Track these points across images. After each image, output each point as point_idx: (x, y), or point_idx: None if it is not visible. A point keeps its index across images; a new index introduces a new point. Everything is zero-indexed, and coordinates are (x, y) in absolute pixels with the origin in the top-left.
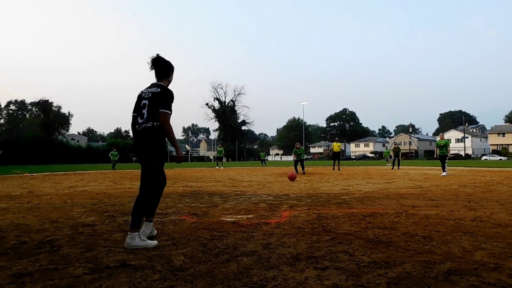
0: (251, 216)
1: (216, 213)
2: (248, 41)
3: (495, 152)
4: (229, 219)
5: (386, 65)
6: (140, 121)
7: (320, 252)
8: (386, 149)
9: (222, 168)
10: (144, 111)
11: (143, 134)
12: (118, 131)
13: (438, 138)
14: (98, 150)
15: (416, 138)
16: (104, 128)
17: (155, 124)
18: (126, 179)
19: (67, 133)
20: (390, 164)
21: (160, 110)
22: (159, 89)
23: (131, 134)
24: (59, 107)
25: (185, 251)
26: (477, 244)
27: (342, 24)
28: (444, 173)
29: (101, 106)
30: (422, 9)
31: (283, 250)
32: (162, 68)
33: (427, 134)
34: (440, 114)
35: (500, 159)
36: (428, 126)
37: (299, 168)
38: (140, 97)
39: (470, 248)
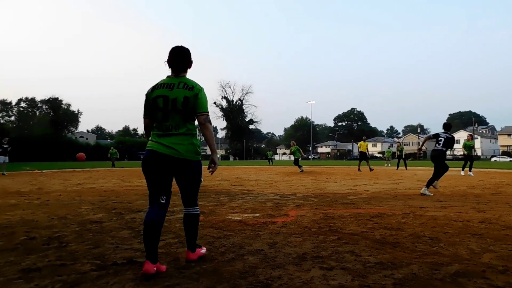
0: (257, 215)
1: (222, 211)
2: (256, 40)
3: (505, 153)
4: (235, 218)
5: (395, 65)
6: None
7: (326, 252)
8: (388, 148)
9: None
10: None
11: None
12: (126, 129)
13: (396, 145)
14: (106, 147)
15: None
16: (113, 126)
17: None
18: (133, 177)
19: (76, 131)
20: (389, 165)
21: None
22: None
23: (139, 131)
24: (69, 105)
25: None
26: (485, 246)
27: (350, 25)
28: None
29: (109, 104)
30: (429, 10)
31: (289, 249)
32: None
33: None
34: (449, 115)
35: (510, 161)
36: (437, 126)
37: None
38: None
39: (478, 250)
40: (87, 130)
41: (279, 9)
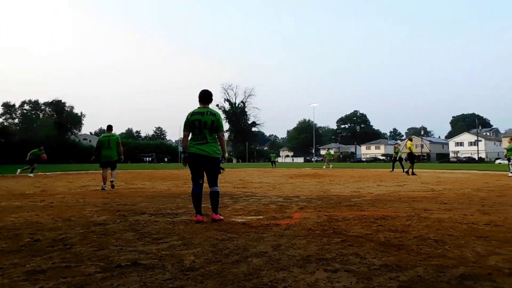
0: (261, 217)
1: (226, 214)
2: (259, 43)
3: None
4: (239, 220)
5: (398, 68)
6: None
7: (331, 254)
8: (328, 150)
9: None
10: None
11: None
12: (129, 131)
13: (394, 147)
14: None
15: (428, 141)
16: (116, 129)
17: None
18: (137, 179)
19: (79, 133)
20: (327, 167)
21: None
22: None
23: (142, 134)
24: (72, 107)
25: (195, 251)
26: (491, 248)
27: (353, 26)
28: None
29: (112, 106)
30: (437, 15)
31: (293, 251)
32: None
33: (439, 137)
34: (452, 117)
35: None
36: (440, 129)
37: None
38: None
39: (484, 253)
40: (90, 133)
41: (283, 11)
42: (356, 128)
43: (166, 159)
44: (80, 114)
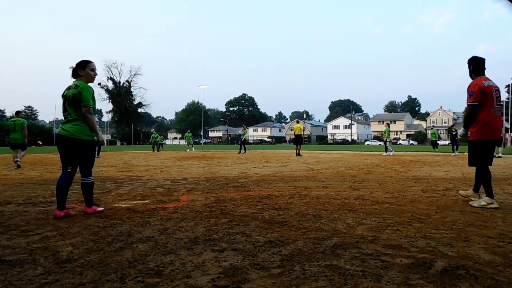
0: (147, 201)
1: (109, 199)
2: (147, 19)
3: (376, 138)
4: (123, 205)
5: (283, 53)
6: None
7: (218, 234)
8: (188, 132)
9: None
10: None
11: None
12: None
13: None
14: None
15: (310, 124)
16: None
17: None
18: (0, 165)
19: None
20: (189, 150)
21: None
22: None
23: (8, 113)
24: None
25: (73, 241)
26: (359, 220)
27: (243, 10)
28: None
29: None
30: (320, 4)
31: (181, 234)
32: None
33: (319, 120)
34: (331, 102)
35: (380, 144)
36: (320, 113)
37: None
38: None
39: (353, 224)
40: None
41: None
42: (244, 111)
43: (40, 142)
44: None
